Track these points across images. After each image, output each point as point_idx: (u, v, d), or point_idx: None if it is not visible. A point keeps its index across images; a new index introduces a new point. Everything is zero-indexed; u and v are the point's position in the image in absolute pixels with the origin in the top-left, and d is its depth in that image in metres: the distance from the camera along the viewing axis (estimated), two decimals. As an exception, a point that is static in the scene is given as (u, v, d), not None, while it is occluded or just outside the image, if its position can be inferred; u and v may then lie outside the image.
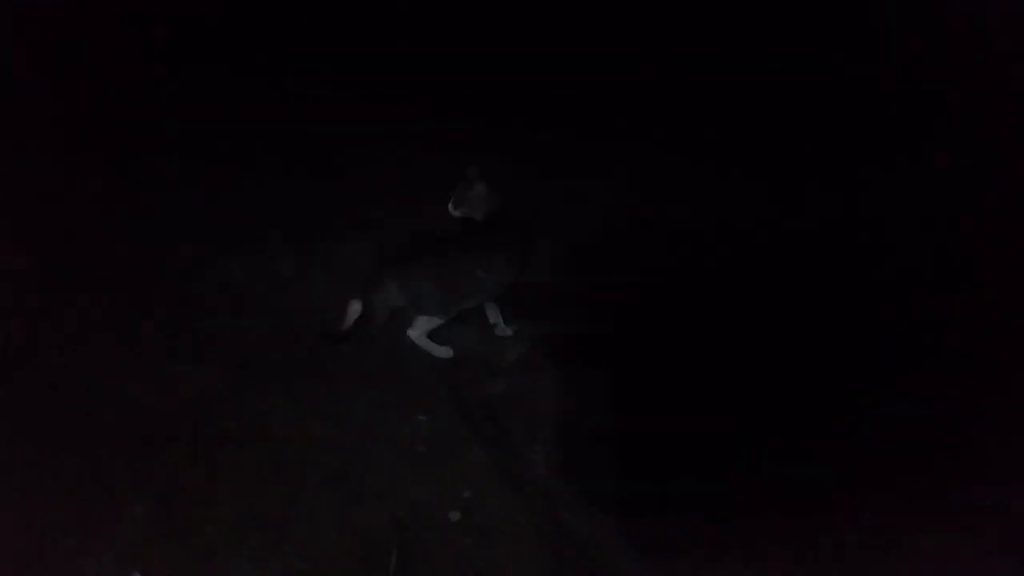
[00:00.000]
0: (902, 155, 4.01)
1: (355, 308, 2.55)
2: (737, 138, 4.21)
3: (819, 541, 2.04)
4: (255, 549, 1.89)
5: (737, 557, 1.97)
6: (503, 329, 2.71)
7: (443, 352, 2.57)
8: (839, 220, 3.56)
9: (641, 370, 2.57)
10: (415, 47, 4.69)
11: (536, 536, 1.97)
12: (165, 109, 3.78)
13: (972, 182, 3.75)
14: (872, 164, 3.96)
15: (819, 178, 3.85)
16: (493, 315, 2.71)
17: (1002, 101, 4.09)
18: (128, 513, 1.93)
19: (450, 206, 2.62)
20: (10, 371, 2.26)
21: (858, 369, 2.64)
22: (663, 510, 2.05)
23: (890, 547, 2.04)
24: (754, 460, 2.23)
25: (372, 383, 2.43)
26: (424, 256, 2.52)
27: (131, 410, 2.16)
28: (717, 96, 4.53)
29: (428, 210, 2.77)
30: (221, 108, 3.96)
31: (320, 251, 3.08)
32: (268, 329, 2.60)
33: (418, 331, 2.56)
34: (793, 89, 4.54)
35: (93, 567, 1.83)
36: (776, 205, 3.65)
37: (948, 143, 4.00)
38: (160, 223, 3.08)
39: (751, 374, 2.57)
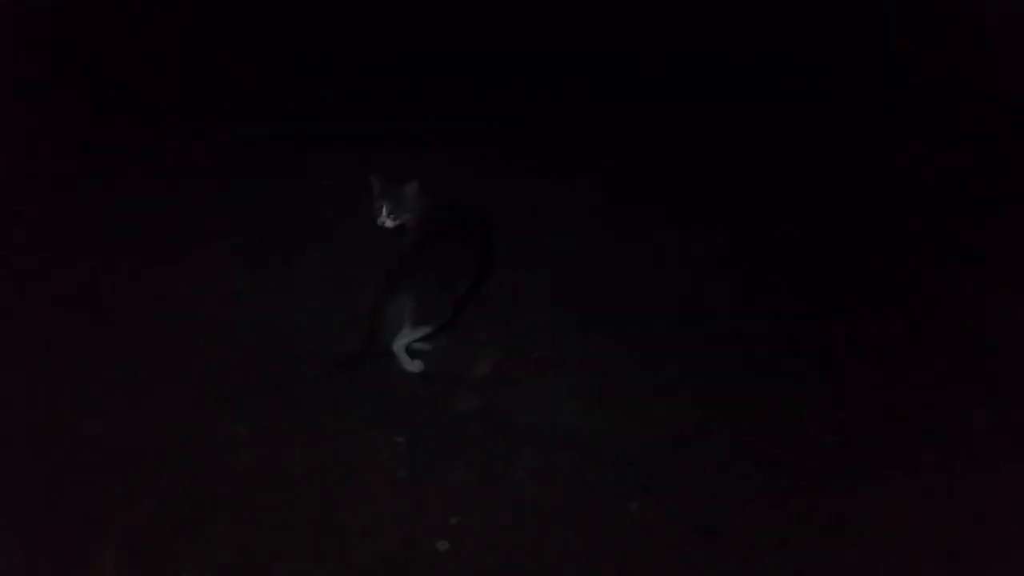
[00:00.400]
0: (876, 159, 4.07)
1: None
2: (713, 138, 4.25)
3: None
4: (234, 598, 1.79)
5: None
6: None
7: (415, 366, 2.49)
8: (816, 218, 3.60)
9: (621, 376, 2.56)
10: (378, 47, 4.56)
11: (530, 565, 1.93)
12: (106, 110, 3.55)
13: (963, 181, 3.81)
14: (849, 167, 4.02)
15: (795, 179, 3.89)
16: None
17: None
18: (95, 566, 1.79)
19: (386, 219, 2.49)
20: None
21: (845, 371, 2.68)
22: (663, 526, 2.04)
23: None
24: (746, 461, 2.26)
25: (341, 405, 2.33)
26: (420, 263, 2.42)
27: (88, 453, 2.00)
28: (692, 97, 4.55)
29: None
30: (157, 108, 3.74)
31: (273, 262, 2.94)
32: (223, 351, 2.46)
33: (404, 342, 2.47)
34: (769, 91, 4.59)
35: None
36: (756, 207, 3.69)
37: (924, 149, 4.04)
38: (96, 232, 2.88)
39: (734, 376, 2.60)
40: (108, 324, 2.50)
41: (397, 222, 2.52)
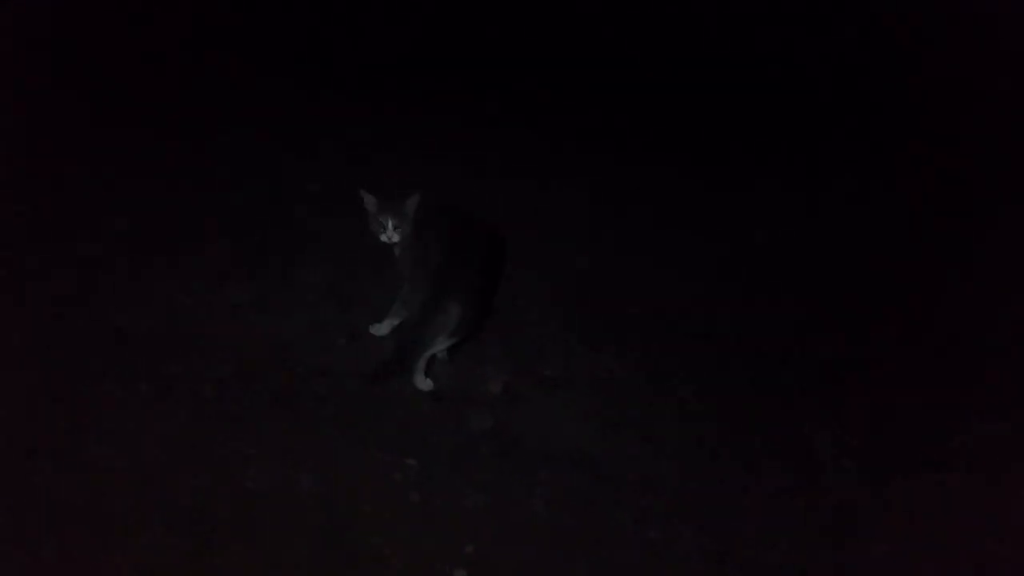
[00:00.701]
0: (876, 159, 4.05)
1: (382, 330, 2.52)
2: (714, 140, 4.20)
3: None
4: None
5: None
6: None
7: (426, 384, 2.44)
8: (816, 219, 3.59)
9: (633, 396, 2.53)
10: (378, 48, 4.48)
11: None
12: (106, 109, 3.45)
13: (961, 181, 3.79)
14: (849, 167, 4.00)
15: (790, 181, 3.87)
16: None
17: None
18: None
19: (392, 233, 2.43)
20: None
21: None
22: (680, 553, 2.01)
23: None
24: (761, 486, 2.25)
25: (350, 425, 2.26)
26: (462, 273, 2.33)
27: (89, 474, 1.92)
28: (692, 98, 4.49)
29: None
30: (157, 109, 3.63)
31: (272, 274, 2.86)
32: (228, 368, 2.39)
33: (428, 356, 2.41)
34: (769, 91, 4.54)
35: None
36: (757, 209, 3.67)
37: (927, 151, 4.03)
38: (94, 238, 2.78)
39: (746, 395, 2.58)
40: (107, 336, 2.40)
41: (401, 236, 2.46)
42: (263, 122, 3.79)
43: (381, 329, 2.61)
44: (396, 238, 2.45)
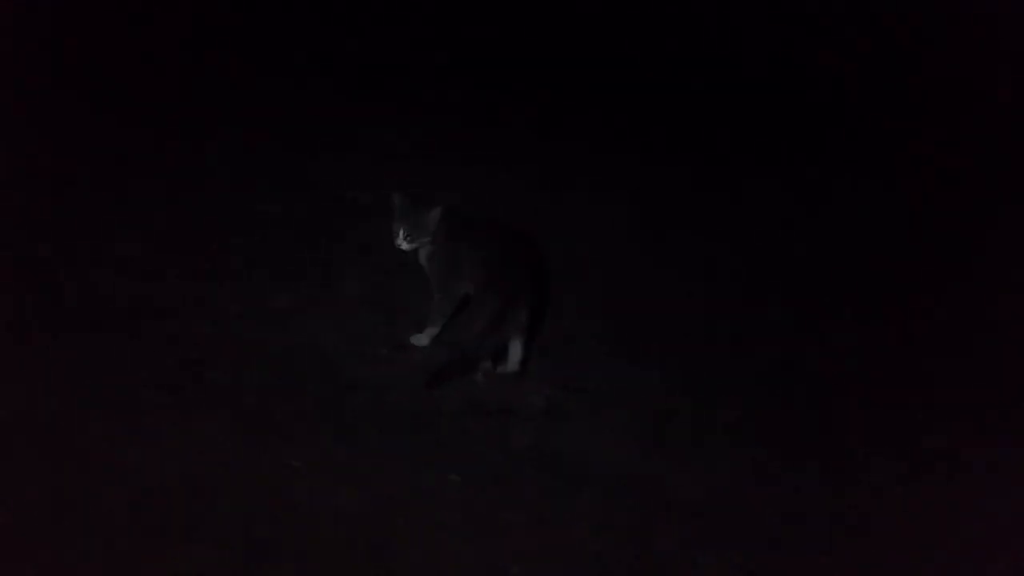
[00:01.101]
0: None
1: (423, 340, 2.55)
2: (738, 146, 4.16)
3: None
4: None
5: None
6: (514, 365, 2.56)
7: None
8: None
9: (679, 414, 2.48)
10: (408, 58, 4.49)
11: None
12: (138, 124, 3.48)
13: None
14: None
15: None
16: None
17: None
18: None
19: (403, 241, 2.46)
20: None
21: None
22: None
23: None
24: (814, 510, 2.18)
25: (392, 437, 2.25)
26: (516, 281, 2.42)
27: (138, 489, 1.92)
28: (698, 101, 4.46)
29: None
30: (193, 117, 3.67)
31: (315, 283, 2.86)
32: (271, 377, 2.39)
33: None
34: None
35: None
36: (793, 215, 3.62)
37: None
38: (143, 250, 2.80)
39: (794, 414, 2.52)
40: (151, 343, 2.42)
41: (413, 245, 2.49)
42: (297, 130, 3.81)
43: (422, 339, 2.60)
44: (406, 246, 2.48)
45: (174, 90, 3.82)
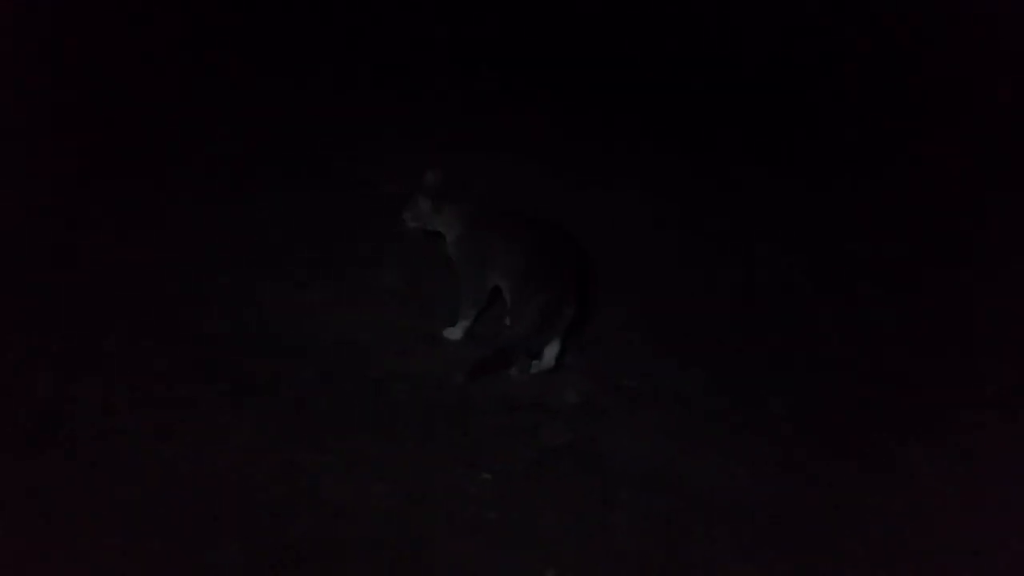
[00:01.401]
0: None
1: (456, 334, 2.53)
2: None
3: None
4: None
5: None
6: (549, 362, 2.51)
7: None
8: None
9: (721, 412, 2.40)
10: (435, 51, 4.45)
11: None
12: (171, 122, 3.49)
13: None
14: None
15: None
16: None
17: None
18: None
19: (409, 221, 2.55)
20: (35, 447, 1.98)
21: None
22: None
23: None
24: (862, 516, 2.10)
25: (426, 433, 2.21)
26: (566, 275, 2.39)
27: (170, 485, 1.92)
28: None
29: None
30: (226, 111, 3.67)
31: (352, 274, 2.84)
32: (306, 371, 2.37)
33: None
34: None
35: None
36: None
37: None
38: (181, 243, 2.81)
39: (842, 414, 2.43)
40: (184, 338, 2.42)
41: (414, 225, 2.55)
42: (325, 122, 3.79)
43: (455, 333, 2.57)
44: (411, 224, 2.56)
45: (202, 83, 3.83)
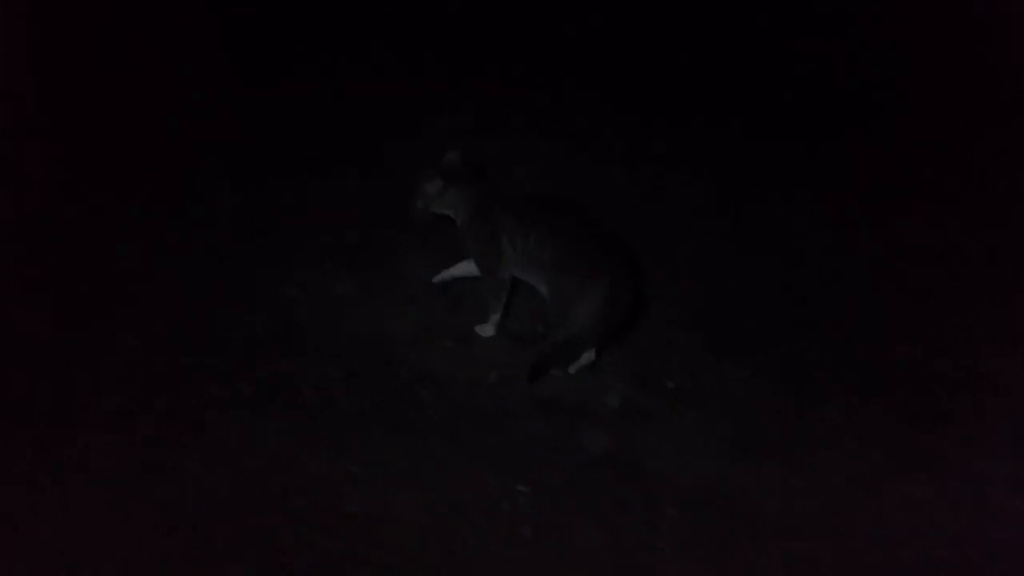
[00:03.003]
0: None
1: (488, 331, 2.43)
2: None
3: None
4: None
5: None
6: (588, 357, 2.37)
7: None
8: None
9: (771, 418, 2.25)
10: (459, 33, 4.32)
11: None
12: (192, 112, 3.40)
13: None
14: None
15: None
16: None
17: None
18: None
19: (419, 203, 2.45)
20: (48, 453, 1.92)
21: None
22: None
23: None
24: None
25: (456, 438, 2.10)
26: (618, 255, 2.28)
27: (189, 495, 1.83)
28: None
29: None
30: (249, 100, 3.57)
31: (379, 268, 2.73)
32: (331, 370, 2.27)
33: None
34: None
35: None
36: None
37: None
38: (209, 237, 2.73)
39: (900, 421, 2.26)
40: (207, 333, 2.33)
41: (423, 209, 2.46)
42: (366, 107, 3.67)
43: (487, 330, 2.45)
44: (419, 206, 2.47)
45: (226, 71, 3.74)
